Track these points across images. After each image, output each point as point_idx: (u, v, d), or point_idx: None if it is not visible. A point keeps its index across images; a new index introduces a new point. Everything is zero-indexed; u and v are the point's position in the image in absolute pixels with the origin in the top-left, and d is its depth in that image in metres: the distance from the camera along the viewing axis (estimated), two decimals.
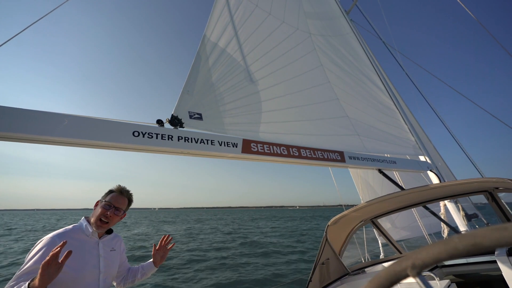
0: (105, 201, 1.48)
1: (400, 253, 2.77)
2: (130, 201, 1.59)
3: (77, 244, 1.34)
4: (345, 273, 2.59)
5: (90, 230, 1.43)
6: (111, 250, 1.51)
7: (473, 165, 4.02)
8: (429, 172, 3.20)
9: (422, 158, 3.38)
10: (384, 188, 5.06)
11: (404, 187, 2.97)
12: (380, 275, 0.34)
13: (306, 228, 23.94)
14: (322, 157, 2.34)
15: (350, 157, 2.56)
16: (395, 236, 3.92)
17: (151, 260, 1.75)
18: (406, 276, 0.33)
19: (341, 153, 2.52)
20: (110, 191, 1.55)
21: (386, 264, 2.68)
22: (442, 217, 3.14)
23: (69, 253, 1.07)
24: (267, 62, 2.81)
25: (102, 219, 1.44)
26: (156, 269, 1.76)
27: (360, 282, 2.41)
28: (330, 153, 2.44)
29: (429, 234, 4.49)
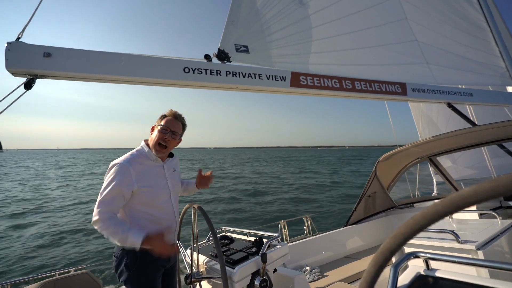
0: (161, 125, 1.46)
1: None
2: (184, 125, 1.56)
3: (144, 168, 1.41)
4: (392, 206, 2.62)
5: (154, 156, 1.46)
6: (173, 171, 1.58)
7: None
8: None
9: (510, 89, 2.78)
10: (449, 125, 4.49)
11: (477, 124, 2.58)
12: None
13: None
14: (379, 89, 2.11)
15: (413, 90, 2.26)
16: (454, 175, 3.64)
17: (194, 180, 1.80)
18: None
19: (402, 85, 2.23)
20: (164, 116, 1.51)
21: (438, 201, 2.59)
22: None
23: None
24: None
25: (161, 143, 1.45)
26: (197, 190, 1.80)
27: (406, 215, 2.43)
28: (389, 85, 2.18)
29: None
